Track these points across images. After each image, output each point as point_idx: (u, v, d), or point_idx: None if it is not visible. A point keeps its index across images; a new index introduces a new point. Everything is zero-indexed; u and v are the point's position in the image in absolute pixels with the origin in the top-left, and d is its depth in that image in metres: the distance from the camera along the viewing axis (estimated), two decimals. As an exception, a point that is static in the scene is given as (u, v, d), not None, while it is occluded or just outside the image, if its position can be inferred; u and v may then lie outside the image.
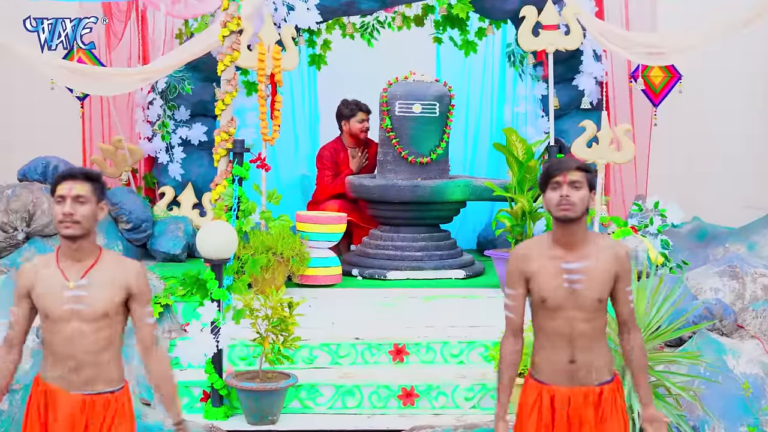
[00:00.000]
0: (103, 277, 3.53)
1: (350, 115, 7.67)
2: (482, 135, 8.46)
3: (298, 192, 8.45)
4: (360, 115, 7.67)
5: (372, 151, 7.64)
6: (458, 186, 6.89)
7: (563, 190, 3.49)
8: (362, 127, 7.66)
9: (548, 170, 3.55)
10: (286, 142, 8.36)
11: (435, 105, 6.92)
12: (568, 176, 3.50)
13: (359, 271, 6.88)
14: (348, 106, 7.70)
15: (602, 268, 3.58)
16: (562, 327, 3.57)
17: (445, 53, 8.32)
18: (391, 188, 6.82)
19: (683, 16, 7.99)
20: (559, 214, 3.52)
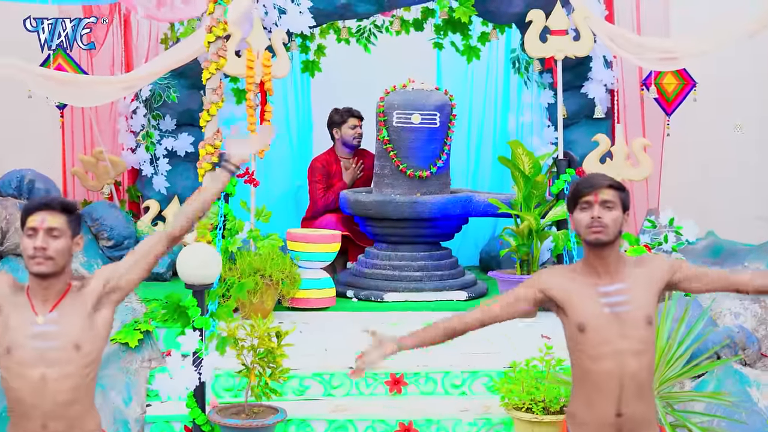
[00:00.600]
0: (74, 309, 3.20)
1: (341, 121, 7.34)
2: (485, 146, 8.12)
3: (291, 205, 8.11)
4: (352, 120, 7.34)
5: (367, 163, 7.29)
6: (460, 202, 6.54)
7: (594, 210, 3.19)
8: (355, 133, 7.32)
9: (577, 188, 3.24)
10: (279, 153, 8.02)
11: (435, 115, 6.57)
12: (599, 195, 3.20)
13: (354, 293, 6.53)
14: (338, 113, 7.40)
15: (642, 283, 3.25)
16: (608, 367, 3.20)
17: (446, 59, 7.99)
18: (388, 204, 6.47)
19: (697, 21, 7.68)
20: (591, 238, 3.21)
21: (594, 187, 3.21)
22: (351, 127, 7.34)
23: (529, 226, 5.95)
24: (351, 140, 7.34)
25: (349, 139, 7.34)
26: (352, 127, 7.32)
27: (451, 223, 6.65)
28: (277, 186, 8.06)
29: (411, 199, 6.47)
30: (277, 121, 7.80)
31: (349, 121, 7.32)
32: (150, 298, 6.19)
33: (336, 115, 7.38)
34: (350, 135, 7.33)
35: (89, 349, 3.21)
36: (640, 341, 3.20)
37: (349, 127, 7.33)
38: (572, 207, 3.26)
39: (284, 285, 5.88)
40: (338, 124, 7.36)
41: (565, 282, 3.27)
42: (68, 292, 3.24)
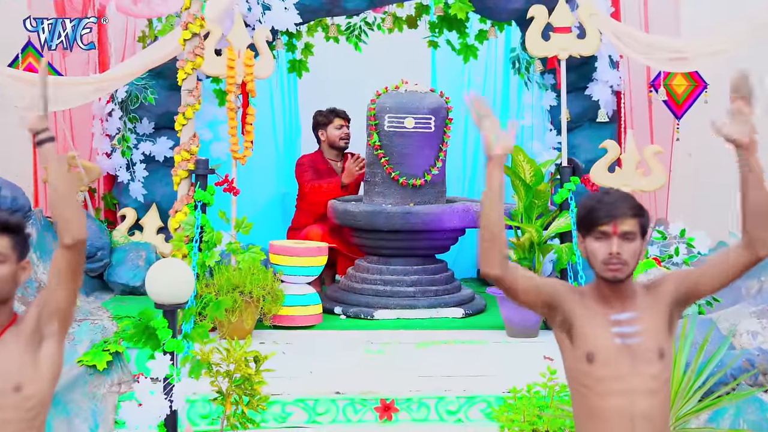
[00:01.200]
0: (16, 345, 2.81)
1: (326, 122, 6.99)
2: (483, 152, 7.72)
3: (277, 214, 7.74)
4: (337, 120, 6.99)
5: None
6: (457, 212, 6.17)
7: (613, 244, 2.82)
8: (341, 133, 6.96)
9: (593, 214, 2.85)
10: (264, 158, 7.66)
11: (430, 119, 6.20)
12: (620, 226, 2.83)
13: (342, 309, 6.16)
14: (322, 114, 7.07)
15: (653, 311, 2.90)
16: (618, 405, 2.83)
17: (441, 59, 7.64)
18: (379, 215, 6.10)
19: (708, 19, 7.36)
20: (607, 275, 2.85)
21: (614, 217, 2.82)
22: (337, 127, 6.98)
23: (531, 238, 5.58)
24: (338, 141, 6.97)
25: (335, 141, 6.97)
26: (337, 128, 6.96)
27: (447, 235, 6.29)
28: (262, 194, 7.70)
29: (404, 209, 6.10)
30: (261, 125, 7.47)
31: (335, 122, 6.96)
32: (122, 315, 5.83)
33: (320, 117, 7.03)
34: (336, 135, 6.97)
35: (32, 392, 2.81)
36: (653, 378, 2.84)
37: (334, 128, 6.96)
38: (585, 231, 2.88)
39: (266, 302, 5.51)
40: (323, 126, 7.00)
41: (577, 300, 2.90)
42: (10, 326, 2.85)
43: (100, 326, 5.62)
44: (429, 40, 7.30)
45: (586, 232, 2.87)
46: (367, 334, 5.78)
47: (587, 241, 2.87)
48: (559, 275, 5.86)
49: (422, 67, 7.61)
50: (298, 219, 6.98)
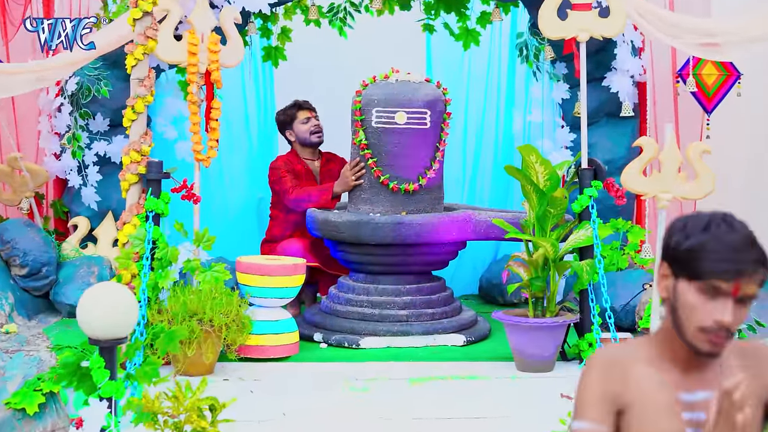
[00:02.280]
0: None
1: (289, 119, 6.24)
2: (485, 151, 7.01)
3: (252, 224, 6.99)
4: (301, 114, 6.25)
5: (337, 168, 6.13)
6: (457, 222, 5.43)
7: (727, 309, 2.03)
8: (310, 126, 6.21)
9: (711, 257, 2.02)
10: (236, 159, 6.95)
11: (425, 113, 5.44)
12: (744, 288, 2.03)
13: (323, 336, 5.41)
14: (283, 112, 6.32)
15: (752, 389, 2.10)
16: None
17: (437, 46, 6.91)
18: (365, 226, 5.35)
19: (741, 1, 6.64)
20: (703, 348, 2.07)
21: (740, 274, 2.02)
22: (303, 121, 6.21)
23: (545, 254, 4.83)
24: (308, 136, 6.21)
25: (306, 136, 6.21)
26: (304, 121, 6.19)
27: (445, 249, 5.54)
28: (233, 201, 6.96)
29: (395, 219, 5.34)
30: (232, 121, 6.79)
31: (299, 116, 6.20)
32: (63, 345, 5.07)
33: (281, 116, 6.31)
34: (305, 130, 6.20)
35: None
36: None
37: (300, 123, 6.20)
38: (684, 273, 2.06)
39: (230, 331, 4.74)
40: (288, 124, 6.24)
41: (630, 382, 2.11)
42: None
43: (36, 358, 4.89)
44: (424, 23, 6.57)
45: (685, 274, 2.07)
46: (352, 368, 5.02)
47: (681, 287, 2.07)
48: (577, 297, 5.10)
49: (416, 55, 6.90)
50: (273, 230, 6.23)
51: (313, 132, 6.20)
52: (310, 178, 6.18)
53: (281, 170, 6.05)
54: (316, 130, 6.21)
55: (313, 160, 6.26)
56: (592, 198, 5.03)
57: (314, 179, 6.19)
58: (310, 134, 6.19)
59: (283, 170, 6.05)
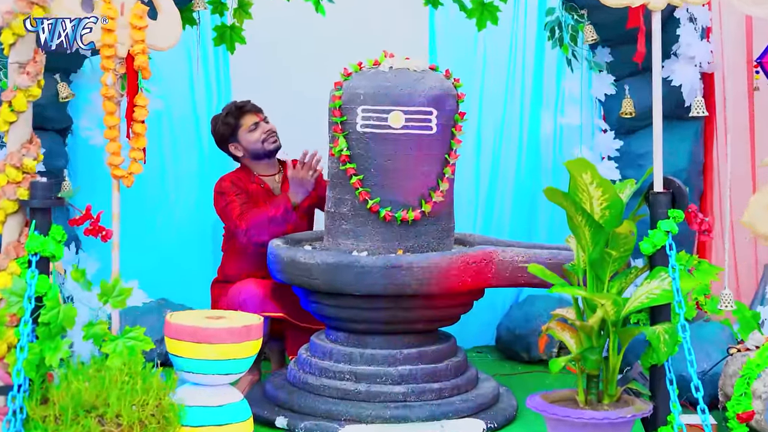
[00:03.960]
0: None
1: (231, 129, 4.92)
2: (505, 163, 5.68)
3: (205, 251, 5.63)
4: (245, 119, 4.93)
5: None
6: (473, 263, 4.09)
7: None
8: (261, 134, 4.90)
9: None
10: (183, 170, 5.61)
11: (430, 113, 4.11)
12: None
13: (288, 422, 4.08)
14: (220, 121, 4.96)
15: None
16: None
17: (444, 25, 5.58)
18: (347, 270, 4.00)
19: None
20: None
21: None
22: (249, 129, 4.89)
23: (604, 315, 3.48)
24: (261, 146, 4.90)
25: (257, 147, 4.90)
26: (251, 128, 4.88)
27: (457, 300, 4.21)
28: (181, 223, 5.60)
29: (388, 260, 4.00)
30: (178, 124, 5.45)
31: (243, 122, 4.88)
32: None
33: (220, 126, 4.95)
34: (255, 139, 4.88)
35: None
36: None
37: (247, 132, 4.89)
38: None
39: (149, 429, 3.37)
40: (230, 136, 4.90)
41: None
42: None
43: None
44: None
45: None
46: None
47: None
48: (647, 374, 3.75)
49: (416, 38, 5.56)
50: (226, 268, 4.91)
51: (266, 140, 4.86)
52: (270, 198, 4.84)
53: (229, 195, 4.70)
54: (269, 135, 4.88)
55: (272, 175, 4.91)
56: (668, 234, 3.67)
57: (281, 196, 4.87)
58: (263, 143, 4.85)
59: (230, 194, 4.71)
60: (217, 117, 4.97)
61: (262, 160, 4.89)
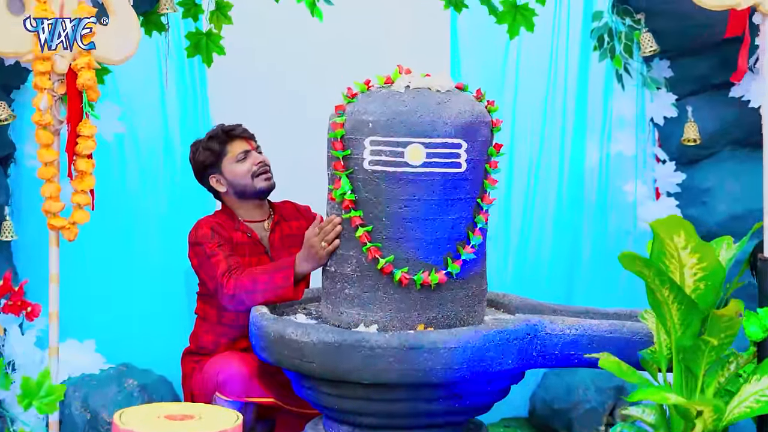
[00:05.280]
0: None
1: (215, 158, 4.02)
2: (542, 202, 4.79)
3: (178, 307, 4.76)
4: (234, 145, 4.04)
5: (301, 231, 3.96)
6: (515, 339, 3.25)
7: None
8: (250, 167, 4.01)
9: None
10: (151, 208, 4.77)
11: (458, 146, 3.29)
12: None
13: None
14: (204, 147, 4.05)
15: None
16: None
17: (468, 30, 4.71)
18: (353, 350, 3.17)
19: None
20: None
21: None
22: (237, 158, 4.01)
23: (704, 427, 2.63)
24: (250, 181, 4.01)
25: (245, 182, 4.02)
26: (239, 158, 3.99)
27: (492, 387, 3.35)
28: (148, 274, 4.72)
29: (406, 339, 3.15)
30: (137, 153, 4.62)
31: (229, 149, 4.01)
32: None
33: (198, 151, 4.07)
34: (244, 172, 4.00)
35: None
36: None
37: (233, 161, 4.00)
38: None
39: None
40: (212, 166, 4.02)
41: None
42: None
43: None
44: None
45: None
46: None
47: None
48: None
49: (434, 47, 4.69)
50: (201, 337, 4.04)
51: (257, 174, 3.98)
52: (257, 251, 3.96)
53: (209, 245, 3.80)
54: (262, 169, 3.99)
55: (260, 221, 4.04)
56: (783, 314, 2.83)
57: (264, 252, 3.98)
58: (253, 177, 3.97)
59: (212, 244, 3.80)
60: (198, 142, 4.10)
61: (249, 200, 4.00)
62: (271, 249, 3.98)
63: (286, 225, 4.07)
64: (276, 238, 4.01)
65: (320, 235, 3.43)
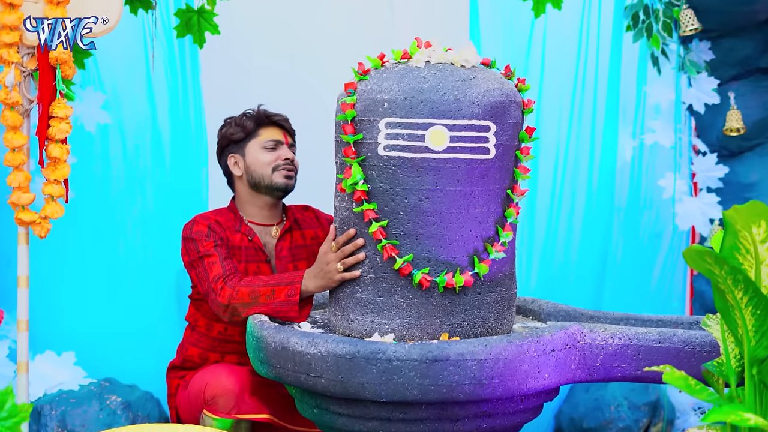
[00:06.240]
0: None
1: (246, 134, 3.60)
2: (570, 198, 4.41)
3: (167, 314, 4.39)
4: (265, 132, 3.61)
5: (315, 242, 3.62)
6: (554, 353, 2.88)
7: None
8: (274, 159, 3.58)
9: None
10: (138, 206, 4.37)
11: (486, 129, 2.92)
12: None
13: None
14: (237, 123, 3.63)
15: None
16: None
17: (489, 10, 4.35)
18: (367, 364, 2.79)
19: None
20: None
21: None
22: (266, 145, 3.58)
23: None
24: (269, 173, 3.58)
25: (263, 172, 3.59)
26: (268, 146, 3.56)
27: (526, 404, 2.97)
28: (131, 282, 4.34)
29: (428, 350, 2.77)
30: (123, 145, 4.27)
31: (261, 133, 3.59)
32: None
33: (229, 126, 3.64)
34: (267, 162, 3.57)
35: None
36: None
37: (260, 146, 3.58)
38: None
39: None
40: (236, 145, 3.62)
41: None
42: None
43: None
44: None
45: None
46: None
47: None
48: None
49: (453, 26, 4.34)
50: (189, 348, 3.63)
51: (281, 167, 3.56)
52: (257, 259, 3.55)
53: (203, 243, 3.40)
54: (287, 166, 3.57)
55: (267, 225, 3.63)
56: None
57: (265, 261, 3.57)
58: (274, 171, 3.55)
59: (206, 243, 3.39)
60: (233, 118, 3.68)
61: (261, 194, 3.58)
62: (276, 259, 3.57)
63: (299, 234, 3.66)
64: (284, 247, 3.59)
65: (338, 253, 3.04)
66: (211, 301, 3.30)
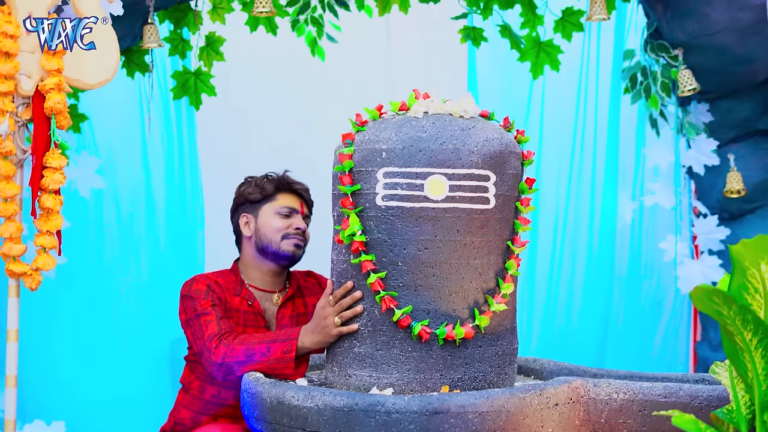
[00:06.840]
0: None
1: (264, 196, 3.54)
2: (570, 262, 4.38)
3: (160, 379, 4.32)
4: (287, 198, 3.56)
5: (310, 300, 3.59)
6: (556, 407, 2.82)
7: None
8: (286, 227, 3.52)
9: None
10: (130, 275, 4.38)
11: (486, 179, 2.90)
12: None
13: None
14: (258, 181, 3.58)
15: None
16: None
17: (487, 70, 4.39)
18: (366, 417, 2.72)
19: None
20: None
21: None
22: (280, 210, 3.53)
23: None
24: (278, 240, 3.52)
25: (272, 237, 3.53)
26: (282, 212, 3.51)
27: (530, 461, 2.89)
28: (125, 348, 4.28)
29: (428, 403, 2.71)
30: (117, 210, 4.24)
31: (278, 198, 3.54)
32: None
33: (249, 185, 3.59)
34: (279, 228, 3.52)
35: None
36: None
37: (274, 211, 3.52)
38: None
39: None
40: (252, 204, 3.55)
41: None
42: None
43: None
44: (464, 26, 4.01)
45: None
46: None
47: None
48: None
49: (451, 86, 4.35)
50: (182, 410, 3.54)
51: (289, 236, 3.50)
52: (255, 324, 3.47)
53: (200, 302, 3.34)
54: (297, 236, 3.52)
55: (269, 292, 3.56)
56: None
57: (264, 327, 3.49)
58: (283, 238, 3.49)
59: (204, 302, 3.33)
60: (254, 177, 3.63)
61: (267, 261, 3.53)
62: (277, 326, 3.49)
63: (301, 302, 3.59)
64: (286, 315, 3.51)
65: (335, 306, 2.99)
66: (205, 360, 3.23)
